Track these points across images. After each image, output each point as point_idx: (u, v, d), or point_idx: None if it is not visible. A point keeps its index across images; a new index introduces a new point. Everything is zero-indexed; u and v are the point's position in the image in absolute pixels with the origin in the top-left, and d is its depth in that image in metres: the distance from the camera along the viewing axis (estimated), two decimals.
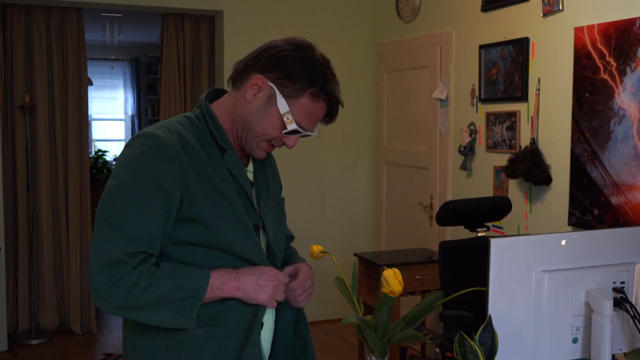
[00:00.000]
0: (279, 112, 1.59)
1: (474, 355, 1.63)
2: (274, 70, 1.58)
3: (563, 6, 3.34)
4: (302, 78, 1.57)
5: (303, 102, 1.58)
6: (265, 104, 1.59)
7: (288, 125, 1.59)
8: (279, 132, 1.61)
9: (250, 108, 1.61)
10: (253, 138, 1.62)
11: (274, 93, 1.58)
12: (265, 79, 1.58)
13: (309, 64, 1.58)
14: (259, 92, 1.59)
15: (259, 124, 1.60)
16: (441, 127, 4.39)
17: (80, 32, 5.12)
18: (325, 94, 1.59)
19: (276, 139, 1.63)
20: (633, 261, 1.81)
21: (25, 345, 4.95)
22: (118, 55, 9.77)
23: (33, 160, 5.06)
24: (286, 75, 1.57)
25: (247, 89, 1.60)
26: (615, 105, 3.05)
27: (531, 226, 3.59)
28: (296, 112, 1.59)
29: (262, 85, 1.59)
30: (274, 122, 1.60)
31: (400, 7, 4.85)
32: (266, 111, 1.59)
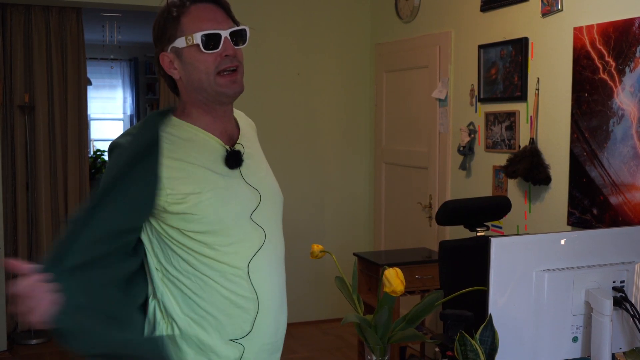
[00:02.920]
0: (187, 48, 1.60)
1: (474, 354, 1.63)
2: (158, 43, 1.65)
3: (562, 6, 3.35)
4: (166, 18, 1.62)
5: (183, 22, 1.60)
6: (182, 61, 1.62)
7: (196, 41, 1.59)
8: (206, 54, 1.60)
9: (184, 77, 1.63)
10: (208, 85, 1.62)
11: (174, 48, 1.62)
12: (164, 53, 1.63)
13: (160, 12, 1.65)
14: (173, 64, 1.63)
15: (195, 72, 1.62)
16: (440, 127, 4.39)
17: (79, 31, 5.13)
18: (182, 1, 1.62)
19: (218, 64, 1.61)
20: (633, 260, 1.81)
21: (25, 345, 4.95)
22: (117, 55, 9.76)
23: (32, 160, 5.07)
24: (161, 32, 1.63)
25: (172, 74, 1.65)
26: (615, 105, 3.06)
27: (530, 226, 3.60)
28: (189, 30, 1.60)
29: (169, 57, 1.63)
30: (194, 56, 1.61)
31: (400, 7, 4.85)
32: (185, 61, 1.62)
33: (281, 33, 5.11)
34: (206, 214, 1.59)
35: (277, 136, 5.07)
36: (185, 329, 1.63)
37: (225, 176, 1.64)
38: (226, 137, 1.69)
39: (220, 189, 1.62)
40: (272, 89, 5.11)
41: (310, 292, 5.27)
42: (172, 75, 1.65)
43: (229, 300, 1.63)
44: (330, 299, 5.26)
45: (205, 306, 1.62)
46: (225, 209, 1.62)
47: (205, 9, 1.62)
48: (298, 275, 5.03)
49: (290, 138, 5.19)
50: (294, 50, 5.16)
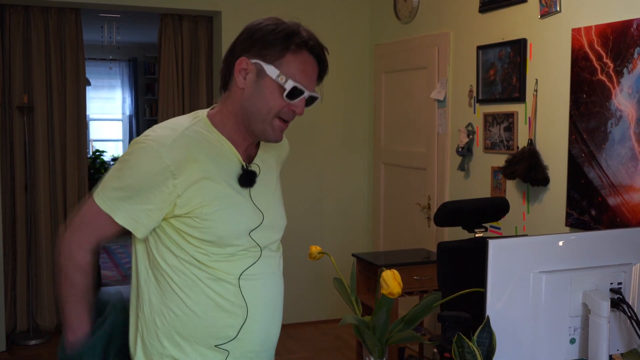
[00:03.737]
0: (272, 80, 1.59)
1: (472, 355, 1.63)
2: (250, 47, 1.61)
3: (560, 7, 3.35)
4: (278, 39, 1.59)
5: (289, 59, 1.59)
6: (257, 81, 1.60)
7: (286, 85, 1.58)
8: (281, 98, 1.60)
9: (246, 92, 1.62)
10: (262, 120, 1.62)
11: (260, 66, 1.59)
12: (246, 59, 1.61)
13: (278, 27, 1.61)
14: (247, 74, 1.61)
15: (260, 101, 1.61)
16: (439, 127, 4.40)
17: (78, 32, 5.13)
18: (305, 43, 1.61)
19: (283, 110, 1.62)
20: (630, 262, 1.82)
21: (24, 346, 4.95)
22: (116, 56, 9.77)
23: (31, 161, 5.06)
24: (263, 45, 1.59)
25: (235, 78, 1.62)
26: (613, 107, 3.06)
27: (529, 227, 3.60)
28: (287, 71, 1.59)
29: (247, 66, 1.61)
30: (272, 91, 1.60)
31: (398, 8, 4.86)
32: (261, 86, 1.60)
33: None
34: (210, 227, 1.61)
35: None
36: (167, 323, 1.66)
37: (236, 192, 1.65)
38: (245, 155, 1.71)
39: (229, 204, 1.63)
40: None
41: (309, 292, 5.28)
42: (237, 79, 1.63)
43: (214, 302, 1.65)
44: (329, 300, 5.26)
45: (190, 304, 1.65)
46: (229, 225, 1.63)
47: (311, 63, 1.64)
48: (297, 276, 5.03)
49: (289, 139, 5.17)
50: None
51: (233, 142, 1.67)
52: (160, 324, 1.67)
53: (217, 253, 1.64)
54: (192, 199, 1.59)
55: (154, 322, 1.68)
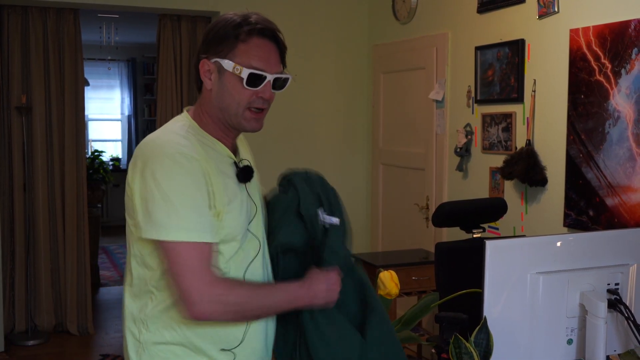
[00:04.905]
0: (231, 74, 1.60)
1: (469, 356, 1.64)
2: (207, 48, 1.64)
3: (558, 8, 3.35)
4: (228, 32, 1.61)
5: (241, 48, 1.61)
6: (220, 78, 1.62)
7: (242, 74, 1.59)
8: (244, 89, 1.61)
9: (214, 92, 1.64)
10: (234, 114, 1.63)
11: (219, 63, 1.61)
12: (207, 60, 1.63)
13: (224, 21, 1.64)
14: (210, 74, 1.63)
15: (227, 97, 1.62)
16: (437, 128, 4.40)
17: (77, 32, 5.13)
18: (253, 29, 1.61)
19: (251, 100, 1.63)
20: (627, 263, 1.82)
21: (22, 346, 4.95)
22: (115, 56, 9.76)
23: (30, 161, 5.06)
24: (215, 42, 1.62)
25: (204, 81, 1.65)
26: (610, 107, 3.06)
27: (527, 227, 3.61)
28: (242, 60, 1.60)
29: (209, 67, 1.63)
30: (234, 84, 1.61)
31: (397, 9, 4.86)
32: (224, 82, 1.62)
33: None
34: (228, 224, 1.60)
35: (275, 137, 5.07)
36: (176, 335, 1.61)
37: (237, 188, 1.66)
38: (232, 151, 1.72)
39: (239, 199, 1.64)
40: None
41: None
42: (204, 82, 1.66)
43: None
44: None
45: None
46: (239, 220, 1.63)
47: (264, 46, 1.64)
48: None
49: (287, 139, 5.19)
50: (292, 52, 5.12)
51: (220, 140, 1.68)
52: (170, 336, 1.61)
53: (227, 252, 1.61)
54: (219, 196, 1.58)
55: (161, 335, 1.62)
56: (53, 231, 5.16)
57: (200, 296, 1.51)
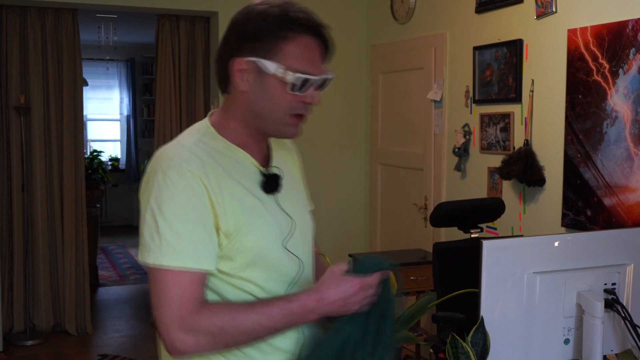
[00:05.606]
0: (275, 77, 1.41)
1: (465, 356, 1.64)
2: (241, 45, 1.43)
3: (556, 8, 3.36)
4: (268, 29, 1.41)
5: (287, 49, 1.41)
6: (259, 80, 1.43)
7: (289, 79, 1.41)
8: (288, 93, 1.43)
9: (251, 95, 1.45)
10: (274, 120, 1.46)
11: (258, 64, 1.41)
12: (241, 59, 1.43)
13: (263, 14, 1.42)
14: (245, 75, 1.43)
15: (268, 102, 1.44)
16: (436, 128, 4.40)
17: (75, 32, 5.13)
18: (298, 24, 1.42)
19: (295, 105, 1.45)
20: (624, 262, 1.82)
21: (21, 346, 4.95)
22: (113, 56, 9.76)
23: (28, 162, 5.06)
24: (253, 40, 1.41)
25: (234, 81, 1.45)
26: (608, 107, 3.07)
27: (525, 227, 3.61)
28: (289, 62, 1.41)
29: (244, 66, 1.43)
30: (277, 87, 1.42)
31: (395, 9, 4.86)
32: (264, 85, 1.43)
33: None
34: (250, 245, 1.42)
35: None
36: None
37: (263, 201, 1.47)
38: (261, 157, 1.54)
39: (263, 215, 1.46)
40: None
41: None
42: (236, 83, 1.45)
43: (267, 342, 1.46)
44: None
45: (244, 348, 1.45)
46: (266, 239, 1.45)
47: (310, 44, 1.44)
48: None
49: None
50: None
51: (245, 147, 1.50)
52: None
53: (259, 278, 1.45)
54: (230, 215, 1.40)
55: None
56: (51, 231, 5.16)
57: (176, 329, 1.34)
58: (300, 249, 1.54)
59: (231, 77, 1.45)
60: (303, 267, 1.53)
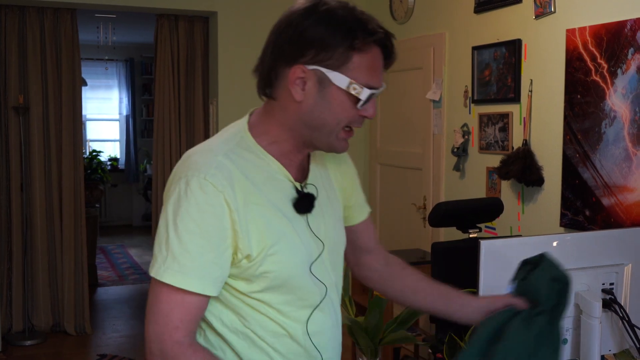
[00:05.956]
0: (340, 89, 1.31)
1: None
2: (304, 50, 1.30)
3: (555, 8, 3.36)
4: (338, 38, 1.29)
5: (356, 62, 1.31)
6: (320, 91, 1.32)
7: (360, 95, 1.32)
8: (354, 108, 1.34)
9: (306, 106, 1.34)
10: (328, 133, 1.36)
11: (322, 74, 1.30)
12: (303, 67, 1.30)
13: (333, 21, 1.30)
14: (305, 84, 1.32)
15: (327, 115, 1.33)
16: (434, 128, 4.40)
17: (74, 32, 5.13)
18: (371, 36, 1.31)
19: (353, 119, 1.37)
20: (622, 262, 1.82)
21: (19, 346, 4.95)
22: (112, 56, 9.77)
23: (27, 161, 5.06)
24: (321, 48, 1.29)
25: (290, 89, 1.33)
26: (607, 107, 3.07)
27: (523, 227, 3.61)
28: (357, 75, 1.31)
29: (305, 75, 1.31)
30: (341, 102, 1.33)
31: (394, 9, 4.86)
32: (326, 97, 1.32)
33: None
34: (273, 268, 1.34)
35: None
36: None
37: (291, 220, 1.38)
38: (299, 171, 1.44)
39: (290, 237, 1.36)
40: None
41: None
42: (292, 90, 1.33)
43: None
44: None
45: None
46: (292, 262, 1.36)
47: (379, 57, 1.35)
48: None
49: None
50: None
51: (284, 158, 1.40)
52: None
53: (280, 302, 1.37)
54: (253, 236, 1.31)
55: None
56: (50, 231, 5.16)
57: (160, 351, 1.27)
58: (327, 273, 1.46)
59: (286, 84, 1.33)
60: (327, 292, 1.45)
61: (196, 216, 1.26)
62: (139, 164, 10.22)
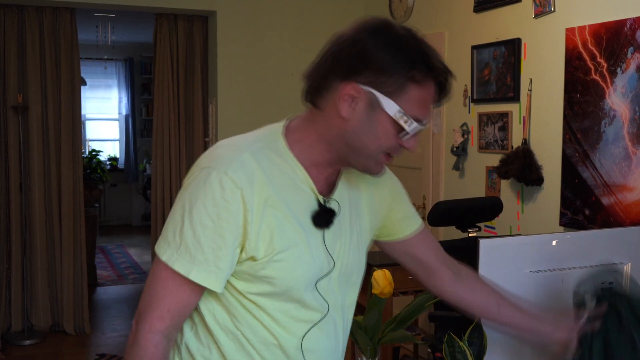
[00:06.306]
0: (388, 117, 1.29)
1: (462, 355, 1.64)
2: (362, 70, 1.28)
3: (554, 7, 3.35)
4: (399, 66, 1.27)
5: (411, 93, 1.29)
6: (368, 113, 1.30)
7: (407, 126, 1.30)
8: (396, 137, 1.32)
9: (351, 125, 1.31)
10: (367, 156, 1.34)
11: (374, 97, 1.28)
12: (357, 85, 1.28)
13: (398, 47, 1.28)
14: (354, 102, 1.29)
15: (369, 138, 1.32)
16: (434, 127, 4.40)
17: (73, 32, 5.12)
18: (431, 71, 1.30)
19: (394, 147, 1.35)
20: (621, 262, 1.82)
21: (18, 346, 4.94)
22: (111, 55, 9.76)
23: (26, 161, 5.06)
24: (379, 71, 1.27)
25: (338, 103, 1.30)
26: (606, 106, 3.06)
27: (523, 226, 3.61)
28: (408, 106, 1.29)
29: (357, 94, 1.29)
30: (387, 129, 1.31)
31: (394, 8, 4.86)
32: (373, 121, 1.30)
33: (276, 33, 5.11)
34: (275, 274, 1.32)
35: None
36: None
37: (307, 232, 1.35)
38: (325, 185, 1.41)
39: (300, 248, 1.34)
40: (266, 89, 5.11)
41: None
42: (339, 106, 1.30)
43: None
44: None
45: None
46: (296, 273, 1.34)
47: (433, 92, 1.33)
48: None
49: None
50: (288, 51, 5.16)
51: (313, 169, 1.38)
52: None
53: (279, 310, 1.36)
54: (262, 239, 1.30)
55: None
56: (49, 231, 5.16)
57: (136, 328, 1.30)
58: (333, 293, 1.43)
59: (336, 98, 1.31)
60: (329, 311, 1.41)
61: (211, 210, 1.27)
62: (138, 164, 10.21)
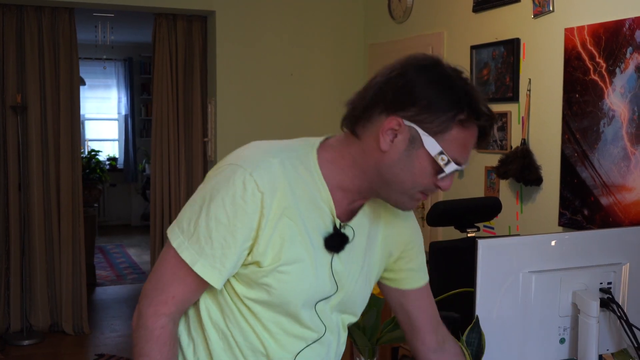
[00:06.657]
0: (428, 155, 1.27)
1: None
2: (408, 105, 1.26)
3: (553, 7, 3.35)
4: (445, 106, 1.25)
5: (454, 134, 1.26)
6: (408, 149, 1.28)
7: (445, 167, 1.28)
8: (433, 177, 1.30)
9: (388, 158, 1.29)
10: (400, 192, 1.32)
11: (416, 134, 1.26)
12: (401, 120, 1.27)
13: (446, 87, 1.27)
14: (395, 137, 1.28)
15: (405, 174, 1.30)
16: None
17: (72, 31, 5.12)
18: (477, 117, 1.28)
19: (429, 186, 1.32)
20: (620, 262, 1.82)
21: (17, 346, 4.94)
22: (111, 55, 9.75)
23: (25, 161, 5.05)
24: (425, 109, 1.25)
25: (378, 135, 1.29)
26: (605, 106, 3.06)
27: (522, 226, 3.61)
28: (449, 148, 1.27)
29: (399, 128, 1.27)
30: (424, 167, 1.29)
31: (393, 8, 4.86)
32: (411, 157, 1.28)
33: (275, 33, 5.11)
34: (275, 286, 1.32)
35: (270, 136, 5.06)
36: None
37: (317, 251, 1.34)
38: (347, 210, 1.40)
39: (306, 264, 1.33)
40: (265, 89, 5.10)
41: None
42: (380, 138, 1.29)
43: None
44: None
45: None
46: (297, 289, 1.33)
47: (474, 135, 1.30)
48: None
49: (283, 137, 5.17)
50: (287, 51, 5.16)
51: (338, 192, 1.36)
52: None
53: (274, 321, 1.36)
54: (272, 247, 1.30)
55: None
56: (48, 231, 5.15)
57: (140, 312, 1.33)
58: (330, 318, 1.42)
59: (377, 130, 1.30)
60: (325, 334, 1.41)
61: (229, 208, 1.27)
62: (137, 164, 10.21)
